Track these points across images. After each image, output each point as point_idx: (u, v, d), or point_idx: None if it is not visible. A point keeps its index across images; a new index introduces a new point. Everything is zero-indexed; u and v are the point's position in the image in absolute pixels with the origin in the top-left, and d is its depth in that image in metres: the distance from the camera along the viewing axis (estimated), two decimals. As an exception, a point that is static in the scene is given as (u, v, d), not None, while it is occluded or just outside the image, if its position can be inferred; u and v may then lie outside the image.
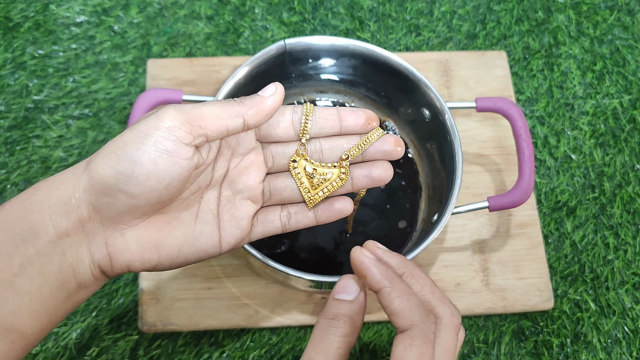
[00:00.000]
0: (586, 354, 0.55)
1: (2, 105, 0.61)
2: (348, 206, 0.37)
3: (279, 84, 0.34)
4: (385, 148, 0.36)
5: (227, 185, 0.35)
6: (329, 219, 0.37)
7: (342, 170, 0.35)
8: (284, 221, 0.37)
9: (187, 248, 0.34)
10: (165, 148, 0.30)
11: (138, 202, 0.31)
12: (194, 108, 0.31)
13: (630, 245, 0.60)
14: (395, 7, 0.69)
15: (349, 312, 0.33)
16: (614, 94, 0.66)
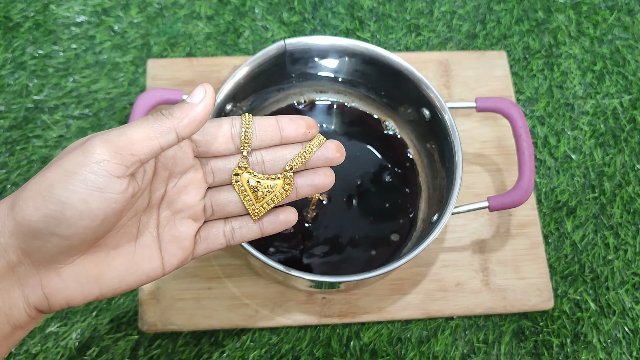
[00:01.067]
0: (586, 354, 0.55)
1: (2, 105, 0.61)
2: (292, 217, 0.36)
3: (208, 86, 0.32)
4: (328, 155, 0.35)
5: (165, 206, 0.34)
6: (275, 231, 0.36)
7: (286, 181, 0.35)
8: (228, 236, 0.35)
9: (129, 276, 0.32)
10: (96, 185, 0.28)
11: (72, 242, 0.29)
12: (121, 134, 0.29)
13: (630, 245, 0.60)
14: (395, 7, 0.69)
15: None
16: (614, 94, 0.66)
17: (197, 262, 0.55)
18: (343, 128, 0.59)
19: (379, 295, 0.55)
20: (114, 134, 0.29)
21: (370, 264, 0.54)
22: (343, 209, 0.56)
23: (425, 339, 0.55)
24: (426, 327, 0.56)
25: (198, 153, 0.34)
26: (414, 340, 0.55)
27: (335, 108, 0.60)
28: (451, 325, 0.56)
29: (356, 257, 0.54)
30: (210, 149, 0.34)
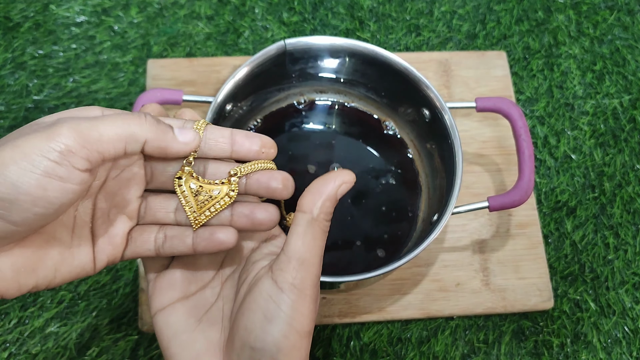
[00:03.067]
0: (586, 354, 0.55)
1: (2, 105, 0.61)
2: (231, 238, 0.32)
3: (198, 137, 0.31)
4: (272, 185, 0.32)
5: (103, 197, 0.32)
6: (208, 250, 0.33)
7: (231, 187, 0.32)
8: (158, 244, 0.33)
9: (65, 267, 0.31)
10: (57, 174, 0.26)
11: (18, 228, 0.27)
12: (92, 127, 0.27)
13: (630, 245, 0.60)
14: (395, 7, 0.69)
15: None
16: (614, 94, 0.66)
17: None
18: (343, 128, 0.59)
19: (379, 295, 0.55)
20: (85, 125, 0.27)
21: (370, 264, 0.54)
22: (343, 209, 0.56)
23: (425, 339, 0.55)
24: (426, 327, 0.56)
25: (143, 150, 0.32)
26: (414, 340, 0.55)
27: (336, 108, 0.60)
28: (451, 325, 0.56)
29: (356, 257, 0.54)
30: None
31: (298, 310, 0.30)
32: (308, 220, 0.31)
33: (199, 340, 0.32)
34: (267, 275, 0.31)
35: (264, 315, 0.30)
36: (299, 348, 0.30)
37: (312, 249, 0.31)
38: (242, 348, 0.30)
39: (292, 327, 0.30)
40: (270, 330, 0.30)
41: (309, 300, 0.30)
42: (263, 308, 0.30)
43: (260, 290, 0.31)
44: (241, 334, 0.31)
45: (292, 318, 0.30)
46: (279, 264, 0.31)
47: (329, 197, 0.31)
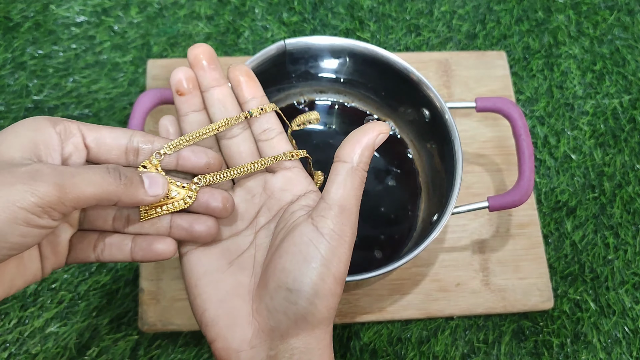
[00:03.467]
0: (586, 354, 0.55)
1: (2, 105, 0.61)
2: (170, 249, 0.33)
3: (167, 188, 0.32)
4: (212, 204, 0.33)
5: None
6: (146, 259, 0.33)
7: (189, 193, 0.33)
8: (97, 252, 0.33)
9: (19, 279, 0.31)
10: (37, 224, 0.27)
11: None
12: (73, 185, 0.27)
13: (630, 245, 0.60)
14: (395, 7, 0.69)
15: None
16: (614, 94, 0.66)
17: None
18: (343, 128, 0.59)
19: (379, 295, 0.55)
20: (67, 182, 0.27)
21: (370, 264, 0.54)
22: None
23: (425, 339, 0.55)
24: (426, 327, 0.56)
25: (88, 159, 0.32)
26: (414, 340, 0.55)
27: (336, 108, 0.60)
28: (451, 325, 0.56)
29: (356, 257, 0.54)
30: (100, 159, 0.32)
31: (337, 255, 0.31)
32: (348, 169, 0.31)
33: (228, 281, 0.33)
34: (307, 221, 0.32)
35: (303, 257, 0.30)
36: (334, 294, 0.31)
37: (352, 197, 0.31)
38: (276, 289, 0.31)
39: (330, 271, 0.30)
40: (309, 272, 0.30)
41: (347, 247, 0.31)
42: (303, 251, 0.31)
43: (300, 234, 0.31)
44: (277, 276, 0.31)
45: (330, 262, 0.30)
46: (320, 211, 0.31)
47: (367, 147, 0.32)
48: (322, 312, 0.31)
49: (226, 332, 0.32)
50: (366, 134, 0.32)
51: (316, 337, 0.31)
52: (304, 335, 0.31)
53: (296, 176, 0.35)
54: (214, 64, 0.35)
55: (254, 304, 0.32)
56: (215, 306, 0.32)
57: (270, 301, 0.31)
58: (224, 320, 0.32)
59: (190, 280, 0.33)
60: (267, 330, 0.31)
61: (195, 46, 0.35)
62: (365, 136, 0.32)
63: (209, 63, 0.35)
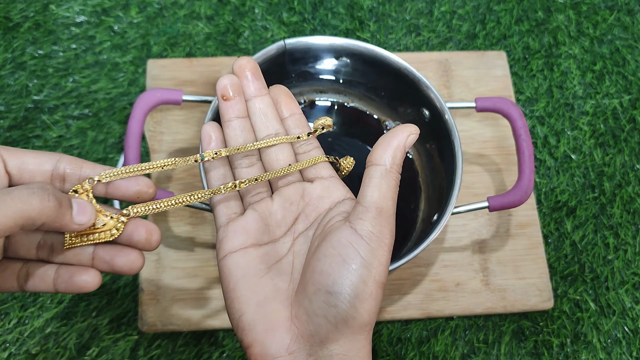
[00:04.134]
0: (586, 354, 0.55)
1: (2, 105, 0.61)
2: (95, 280, 0.31)
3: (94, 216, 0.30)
4: (135, 237, 0.31)
5: None
6: (69, 291, 0.31)
7: (118, 225, 0.31)
8: (21, 281, 0.32)
9: None
10: None
11: None
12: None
13: (630, 245, 0.60)
14: (395, 7, 0.69)
15: None
16: (614, 94, 0.66)
17: (197, 262, 0.55)
18: (343, 128, 0.59)
19: (379, 295, 0.55)
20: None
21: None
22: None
23: (425, 339, 0.55)
24: (426, 327, 0.56)
25: (10, 184, 0.30)
26: (414, 340, 0.55)
27: (335, 108, 0.60)
28: (451, 325, 0.56)
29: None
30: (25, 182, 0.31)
31: (377, 257, 0.30)
32: (382, 172, 0.32)
33: (267, 285, 0.32)
34: (344, 224, 0.32)
35: (342, 259, 0.30)
36: (375, 297, 0.30)
37: (388, 199, 0.32)
38: (316, 293, 0.30)
39: (370, 273, 0.30)
40: (349, 274, 0.30)
41: (386, 249, 0.31)
42: (342, 253, 0.30)
43: (338, 236, 0.31)
44: (316, 278, 0.31)
45: (371, 265, 0.30)
46: (357, 213, 0.31)
47: (399, 148, 0.32)
48: (363, 315, 0.30)
49: (264, 337, 0.31)
50: (396, 136, 0.32)
51: (356, 343, 0.30)
52: (344, 341, 0.30)
53: (333, 184, 0.36)
54: (257, 76, 0.37)
55: (293, 309, 0.32)
56: (253, 310, 0.32)
57: (309, 305, 0.31)
58: (262, 325, 0.31)
59: (229, 284, 0.33)
60: (307, 336, 0.31)
61: (241, 58, 0.37)
62: (396, 138, 0.32)
63: (253, 74, 0.36)
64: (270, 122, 0.36)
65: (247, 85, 0.36)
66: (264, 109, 0.37)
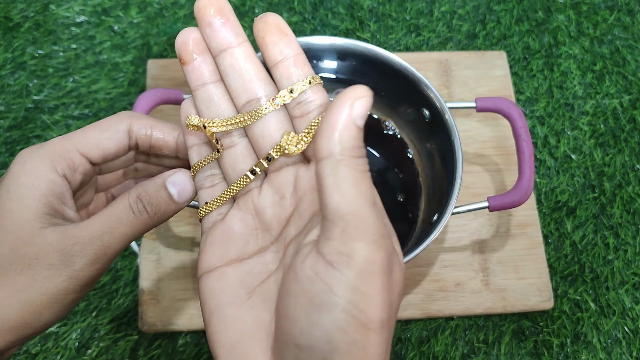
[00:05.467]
0: (586, 354, 0.55)
1: (2, 105, 0.61)
2: None
3: (193, 188, 0.30)
4: None
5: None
6: None
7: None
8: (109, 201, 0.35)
9: None
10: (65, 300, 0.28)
11: None
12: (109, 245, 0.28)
13: (630, 245, 0.60)
14: (395, 7, 0.69)
15: None
16: (614, 94, 0.66)
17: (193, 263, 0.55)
18: (343, 128, 0.59)
19: (379, 295, 0.55)
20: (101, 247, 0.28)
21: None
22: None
23: (425, 339, 0.55)
24: (426, 327, 0.56)
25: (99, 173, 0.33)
26: (414, 340, 0.55)
27: (335, 108, 0.60)
28: (451, 325, 0.56)
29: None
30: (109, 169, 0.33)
31: (359, 289, 0.21)
32: (333, 166, 0.22)
33: (245, 318, 0.25)
34: (308, 248, 0.23)
35: (309, 299, 0.22)
36: (364, 345, 0.22)
37: (356, 197, 0.22)
38: (286, 345, 0.23)
39: (352, 316, 0.21)
40: (320, 321, 0.21)
41: (375, 274, 0.22)
42: (308, 291, 0.22)
43: (302, 266, 0.23)
44: (283, 325, 0.23)
45: (350, 303, 0.21)
46: (323, 231, 0.23)
47: (347, 125, 0.22)
48: None
49: None
50: (338, 111, 0.22)
51: None
52: None
53: None
54: (226, 18, 0.27)
55: (273, 355, 0.24)
56: (226, 352, 0.25)
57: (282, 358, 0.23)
58: None
59: (204, 316, 0.27)
60: None
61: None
62: (338, 114, 0.22)
63: (221, 16, 0.26)
64: (248, 83, 0.27)
65: (211, 36, 0.27)
66: (238, 63, 0.27)
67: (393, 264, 0.23)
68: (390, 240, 0.23)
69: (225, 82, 0.28)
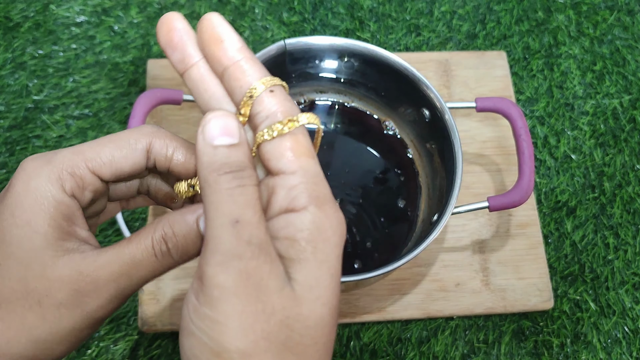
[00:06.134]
0: (586, 354, 0.55)
1: (2, 105, 0.61)
2: None
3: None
4: None
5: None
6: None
7: None
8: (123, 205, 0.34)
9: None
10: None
11: None
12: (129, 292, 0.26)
13: (630, 245, 0.60)
14: (395, 7, 0.69)
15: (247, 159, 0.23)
16: (614, 94, 0.66)
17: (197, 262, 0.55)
18: (343, 128, 0.59)
19: (379, 295, 0.55)
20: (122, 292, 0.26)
21: (369, 264, 0.54)
22: (342, 209, 0.56)
23: (425, 339, 0.55)
24: (426, 327, 0.56)
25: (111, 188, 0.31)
26: (414, 341, 0.55)
27: (336, 108, 0.60)
28: (451, 325, 0.56)
29: (356, 257, 0.54)
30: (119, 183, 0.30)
31: (208, 316, 0.21)
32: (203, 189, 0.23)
33: None
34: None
35: (180, 324, 0.23)
36: None
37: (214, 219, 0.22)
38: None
39: (202, 343, 0.21)
40: (183, 344, 0.22)
41: (224, 300, 0.21)
42: (182, 314, 0.23)
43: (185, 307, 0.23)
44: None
45: (199, 329, 0.22)
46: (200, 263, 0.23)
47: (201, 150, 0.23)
48: None
49: None
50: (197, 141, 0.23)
51: None
52: None
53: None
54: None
55: None
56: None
57: None
58: None
59: None
60: None
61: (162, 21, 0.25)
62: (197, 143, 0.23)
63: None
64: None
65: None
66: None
67: (262, 286, 0.21)
68: (257, 260, 0.21)
69: None
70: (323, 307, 0.22)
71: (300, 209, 0.22)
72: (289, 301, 0.21)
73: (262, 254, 0.22)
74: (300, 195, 0.22)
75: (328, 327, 0.22)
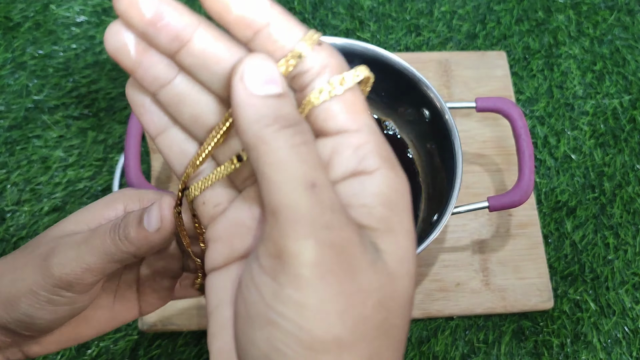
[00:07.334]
0: (586, 354, 0.55)
1: (2, 105, 0.61)
2: None
3: (166, 207, 0.25)
4: None
5: (146, 267, 0.31)
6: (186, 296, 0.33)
7: None
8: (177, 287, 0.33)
9: (107, 327, 0.31)
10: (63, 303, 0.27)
11: (47, 331, 0.29)
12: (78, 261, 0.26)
13: (630, 245, 0.60)
14: (395, 7, 0.69)
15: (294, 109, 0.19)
16: (614, 94, 0.66)
17: (197, 262, 0.55)
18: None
19: (379, 295, 0.55)
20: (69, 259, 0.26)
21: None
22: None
23: (425, 339, 0.55)
24: (426, 327, 0.56)
25: None
26: (414, 341, 0.55)
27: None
28: (451, 325, 0.56)
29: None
30: None
31: (294, 300, 0.17)
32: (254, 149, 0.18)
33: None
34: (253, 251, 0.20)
35: (247, 312, 0.19)
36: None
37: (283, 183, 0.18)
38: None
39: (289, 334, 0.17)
40: (255, 339, 0.18)
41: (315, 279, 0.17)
42: (247, 301, 0.19)
43: (245, 270, 0.19)
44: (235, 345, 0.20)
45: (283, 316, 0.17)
46: (262, 233, 0.19)
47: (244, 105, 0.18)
48: None
49: None
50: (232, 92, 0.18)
51: None
52: None
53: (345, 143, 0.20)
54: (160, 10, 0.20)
55: None
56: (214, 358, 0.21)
57: None
58: None
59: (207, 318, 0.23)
60: None
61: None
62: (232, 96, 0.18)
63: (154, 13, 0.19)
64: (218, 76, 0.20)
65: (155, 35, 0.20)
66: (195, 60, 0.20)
67: (355, 261, 0.18)
68: (346, 230, 0.18)
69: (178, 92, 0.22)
70: (412, 282, 0.19)
71: (372, 170, 0.19)
72: (383, 277, 0.18)
73: (349, 223, 0.18)
74: (370, 155, 0.19)
75: (412, 304, 0.20)
